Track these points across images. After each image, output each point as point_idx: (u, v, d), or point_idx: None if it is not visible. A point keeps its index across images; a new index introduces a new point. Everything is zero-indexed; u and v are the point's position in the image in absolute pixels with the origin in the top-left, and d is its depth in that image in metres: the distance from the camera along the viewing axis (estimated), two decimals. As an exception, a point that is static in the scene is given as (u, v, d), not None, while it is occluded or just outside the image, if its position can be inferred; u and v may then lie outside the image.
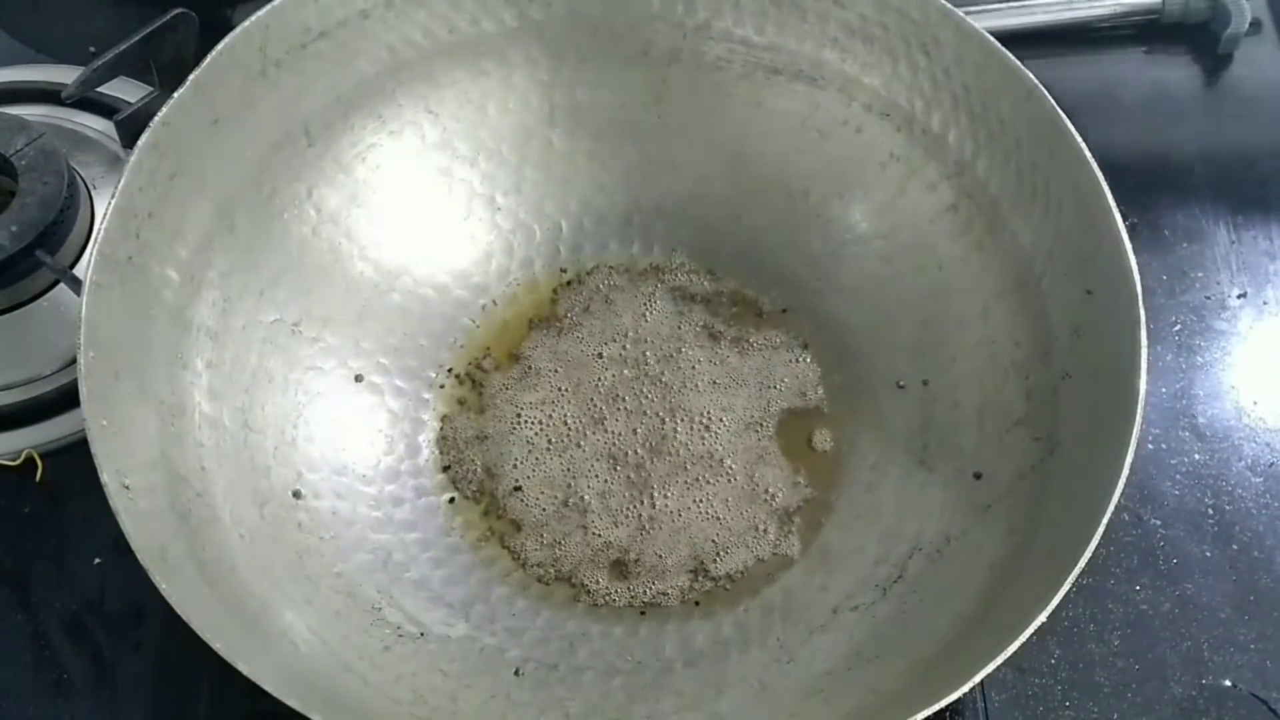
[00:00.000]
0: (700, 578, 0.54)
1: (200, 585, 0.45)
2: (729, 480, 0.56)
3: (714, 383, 0.58)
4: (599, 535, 0.55)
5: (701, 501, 0.55)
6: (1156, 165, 0.68)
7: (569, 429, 0.57)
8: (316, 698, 0.42)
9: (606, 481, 0.56)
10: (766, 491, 0.56)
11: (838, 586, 0.53)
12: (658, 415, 0.58)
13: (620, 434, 0.57)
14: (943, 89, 0.55)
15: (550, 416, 0.57)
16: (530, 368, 0.59)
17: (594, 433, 0.57)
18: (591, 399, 0.58)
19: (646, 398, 0.58)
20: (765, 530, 0.55)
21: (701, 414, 0.58)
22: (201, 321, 0.52)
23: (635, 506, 0.55)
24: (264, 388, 0.54)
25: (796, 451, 0.57)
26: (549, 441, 0.57)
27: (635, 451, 0.57)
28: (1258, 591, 0.56)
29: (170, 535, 0.46)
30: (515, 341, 0.60)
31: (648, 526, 0.55)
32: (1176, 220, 0.67)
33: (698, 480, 0.56)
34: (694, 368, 0.59)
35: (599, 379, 0.58)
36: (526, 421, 0.57)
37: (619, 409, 0.58)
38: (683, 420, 0.57)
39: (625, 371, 0.59)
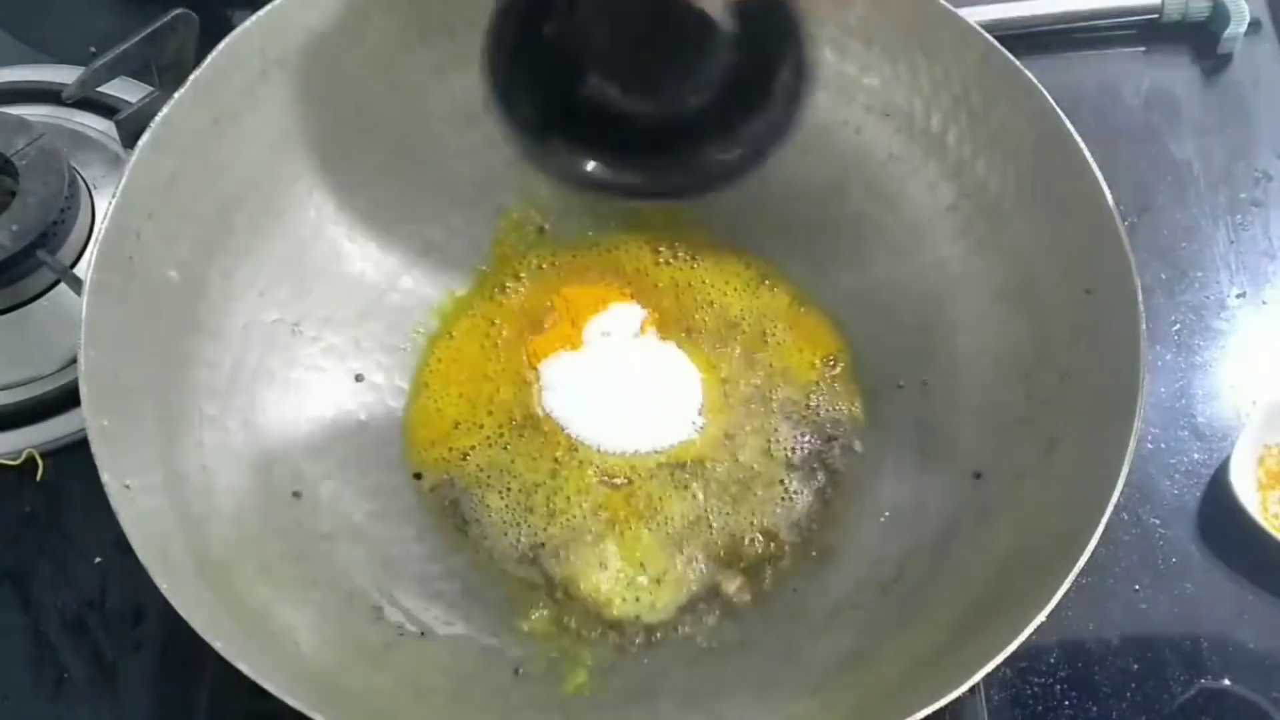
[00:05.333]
0: (699, 577, 0.54)
1: (200, 584, 0.45)
2: (728, 480, 0.56)
3: (713, 384, 0.59)
4: (597, 533, 0.55)
5: (701, 502, 0.56)
6: (1156, 165, 0.68)
7: (568, 428, 0.57)
8: (317, 697, 0.42)
9: (605, 480, 0.56)
10: (765, 492, 0.56)
11: (838, 586, 0.53)
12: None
13: (618, 438, 0.57)
14: (942, 89, 0.55)
15: (550, 416, 0.57)
16: (530, 367, 0.59)
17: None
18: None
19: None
20: (765, 529, 0.55)
21: (700, 415, 0.58)
22: (202, 321, 0.52)
23: (633, 506, 0.55)
24: (264, 387, 0.54)
25: (795, 451, 0.57)
26: (548, 441, 0.57)
27: (633, 450, 0.57)
28: (1256, 591, 0.56)
29: (170, 535, 0.46)
30: (515, 341, 0.60)
31: (646, 526, 0.55)
32: (1176, 220, 0.67)
33: (697, 481, 0.56)
34: (692, 370, 0.59)
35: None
36: (527, 420, 0.57)
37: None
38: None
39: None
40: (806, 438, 0.57)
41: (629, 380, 0.58)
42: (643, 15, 0.50)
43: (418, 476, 0.56)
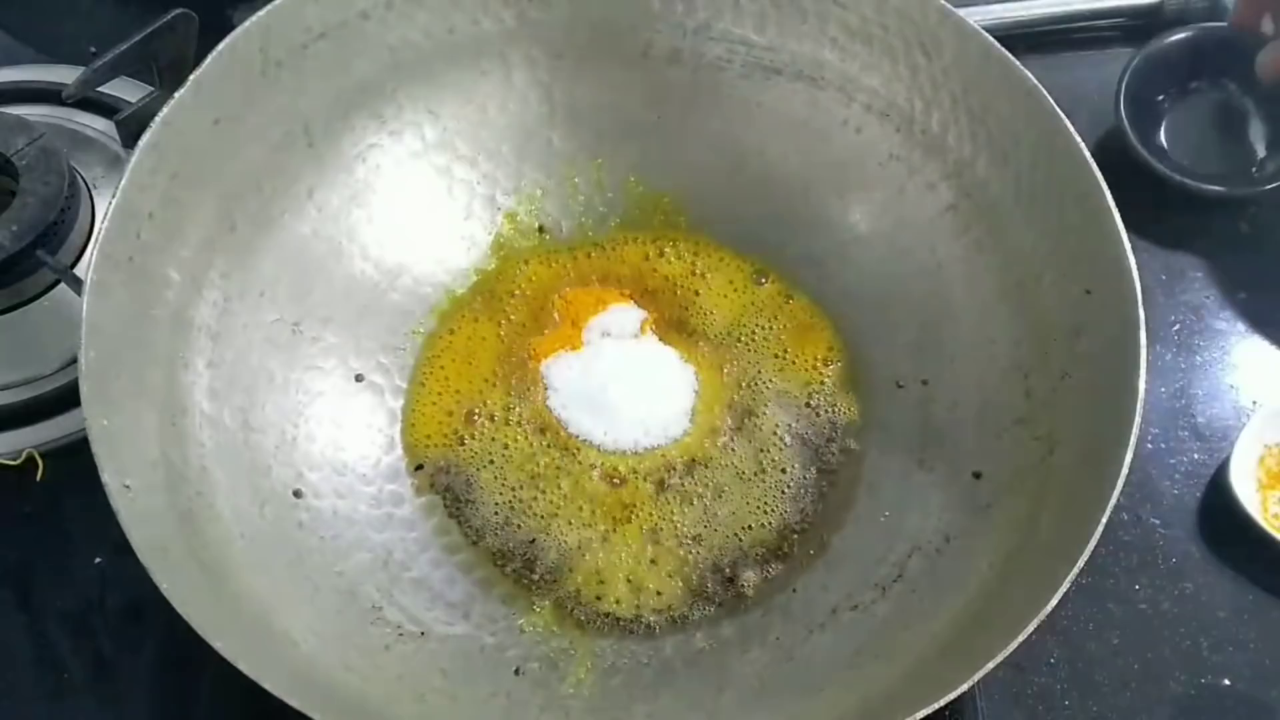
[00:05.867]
0: (699, 576, 0.54)
1: (201, 585, 0.45)
2: (727, 480, 0.56)
3: (712, 384, 0.59)
4: (596, 531, 0.55)
5: (699, 501, 0.55)
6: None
7: (568, 427, 0.57)
8: (317, 697, 0.42)
9: (605, 479, 0.56)
10: (765, 491, 0.56)
11: (838, 586, 0.53)
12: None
13: (619, 436, 0.57)
14: (942, 89, 0.55)
15: (549, 415, 0.57)
16: (530, 368, 0.59)
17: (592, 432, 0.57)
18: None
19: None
20: (764, 529, 0.55)
21: (699, 415, 0.58)
22: (202, 321, 0.52)
23: (632, 505, 0.55)
24: (264, 387, 0.54)
25: (795, 451, 0.57)
26: (547, 440, 0.57)
27: (634, 451, 0.57)
28: (1256, 591, 0.56)
29: (170, 535, 0.46)
30: (515, 341, 0.60)
31: (645, 524, 0.55)
32: (1175, 220, 0.67)
33: (696, 480, 0.56)
34: (692, 370, 0.59)
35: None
36: (526, 420, 0.57)
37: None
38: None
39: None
40: (806, 437, 0.57)
41: (628, 380, 0.58)
42: None
43: (419, 468, 0.56)
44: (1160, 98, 0.69)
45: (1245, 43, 0.67)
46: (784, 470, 0.56)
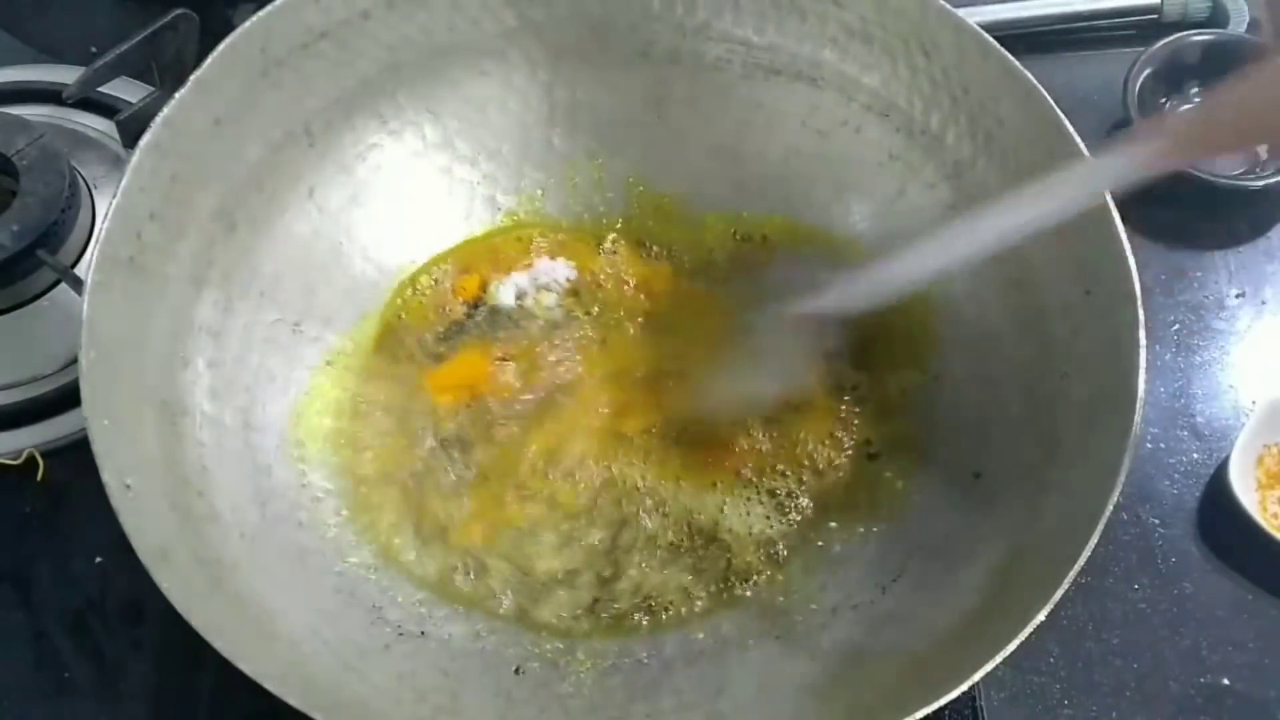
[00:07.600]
0: (699, 577, 0.54)
1: (201, 584, 0.45)
2: (728, 481, 0.56)
3: (713, 383, 0.59)
4: (598, 528, 0.55)
5: (701, 502, 0.56)
6: (1155, 165, 0.68)
7: (569, 427, 0.57)
8: (317, 696, 0.42)
9: (605, 480, 0.56)
10: (766, 491, 0.56)
11: (838, 586, 0.53)
12: (658, 412, 0.58)
13: (620, 433, 0.57)
14: (942, 89, 0.56)
15: (551, 415, 0.57)
16: (531, 368, 0.59)
17: (594, 430, 0.57)
18: (595, 396, 0.58)
19: (647, 394, 0.58)
20: (765, 530, 0.55)
21: (702, 416, 0.58)
22: (203, 321, 0.52)
23: (633, 505, 0.55)
24: (265, 387, 0.54)
25: (796, 451, 0.57)
26: (549, 442, 0.57)
27: (634, 448, 0.57)
28: (1255, 590, 0.56)
29: (171, 534, 0.46)
30: (516, 340, 0.60)
31: (645, 526, 0.55)
32: (1175, 220, 0.67)
33: (697, 481, 0.56)
34: (693, 368, 0.59)
35: (602, 377, 0.58)
36: (527, 420, 0.57)
37: (621, 407, 0.58)
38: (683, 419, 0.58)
39: (627, 370, 0.59)
40: (803, 435, 0.57)
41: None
42: None
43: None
44: (1163, 101, 0.69)
45: (1249, 49, 0.67)
46: (782, 470, 0.56)
